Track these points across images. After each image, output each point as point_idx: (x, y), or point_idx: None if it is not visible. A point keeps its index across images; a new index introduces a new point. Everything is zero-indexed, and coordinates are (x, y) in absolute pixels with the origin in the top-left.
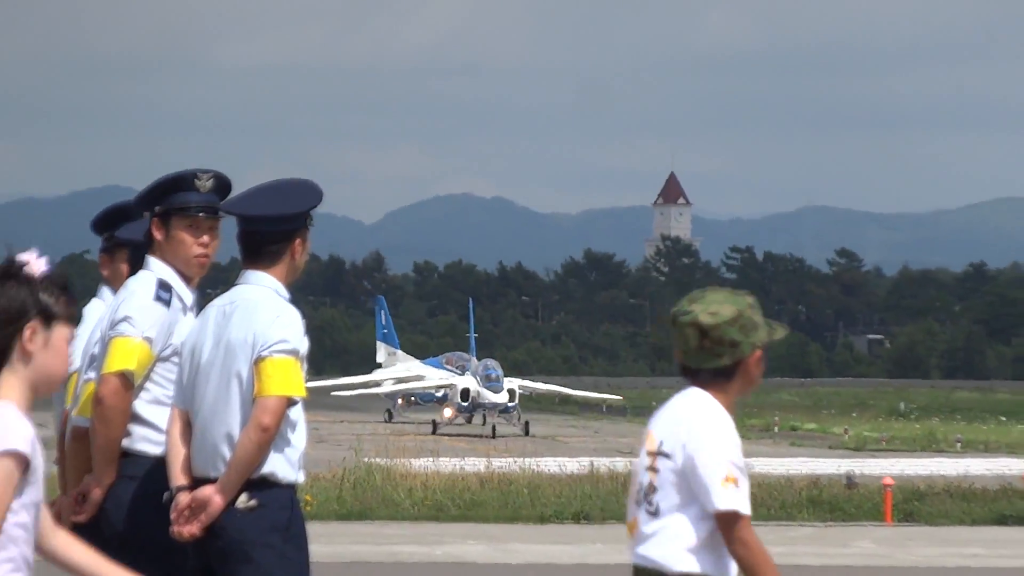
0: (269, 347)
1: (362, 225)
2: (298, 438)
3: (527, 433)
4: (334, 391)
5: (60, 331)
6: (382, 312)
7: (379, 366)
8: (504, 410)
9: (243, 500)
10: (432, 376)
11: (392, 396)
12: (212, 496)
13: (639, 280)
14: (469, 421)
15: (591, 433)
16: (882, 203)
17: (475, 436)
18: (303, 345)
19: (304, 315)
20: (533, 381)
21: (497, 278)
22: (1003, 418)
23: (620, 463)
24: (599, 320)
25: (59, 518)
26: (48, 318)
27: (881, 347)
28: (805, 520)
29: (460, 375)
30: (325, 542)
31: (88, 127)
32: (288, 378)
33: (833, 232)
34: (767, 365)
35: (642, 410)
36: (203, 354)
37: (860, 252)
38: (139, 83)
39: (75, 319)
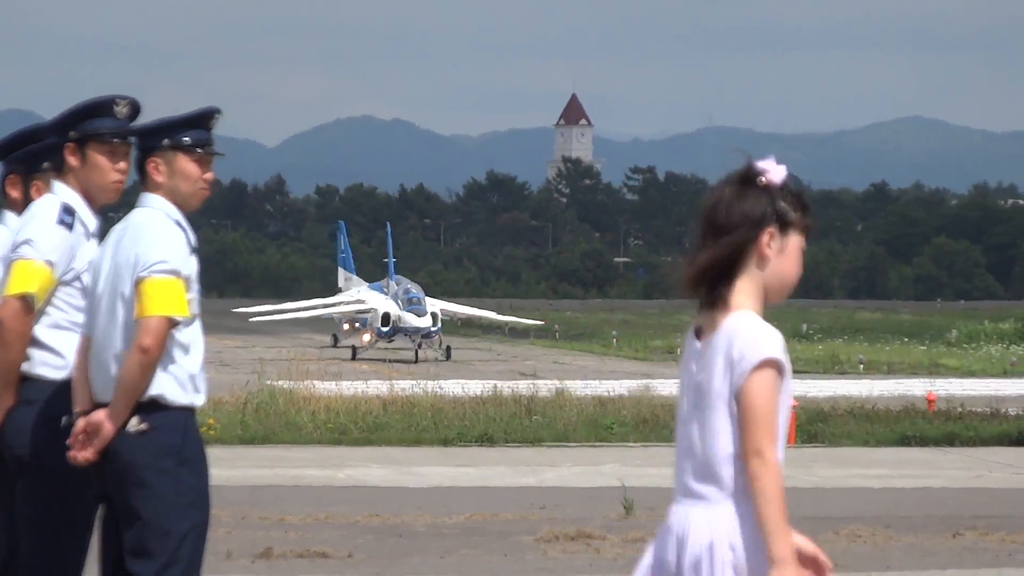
0: (148, 267)
1: (264, 148)
2: (190, 360)
3: (449, 358)
4: (277, 315)
5: (795, 239)
6: (341, 237)
7: (340, 291)
8: (427, 335)
9: (134, 423)
10: (372, 300)
11: (340, 320)
12: (103, 420)
13: (541, 202)
14: (420, 347)
15: (494, 356)
16: (784, 123)
17: (396, 361)
18: (186, 266)
19: (205, 239)
20: (457, 304)
21: (399, 200)
22: (905, 339)
23: (523, 385)
24: (501, 242)
25: None
26: (784, 225)
27: None
28: None
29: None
30: (228, 466)
31: None
32: (168, 298)
33: (735, 152)
34: (668, 287)
35: (544, 332)
36: (100, 278)
37: None
38: (39, 4)
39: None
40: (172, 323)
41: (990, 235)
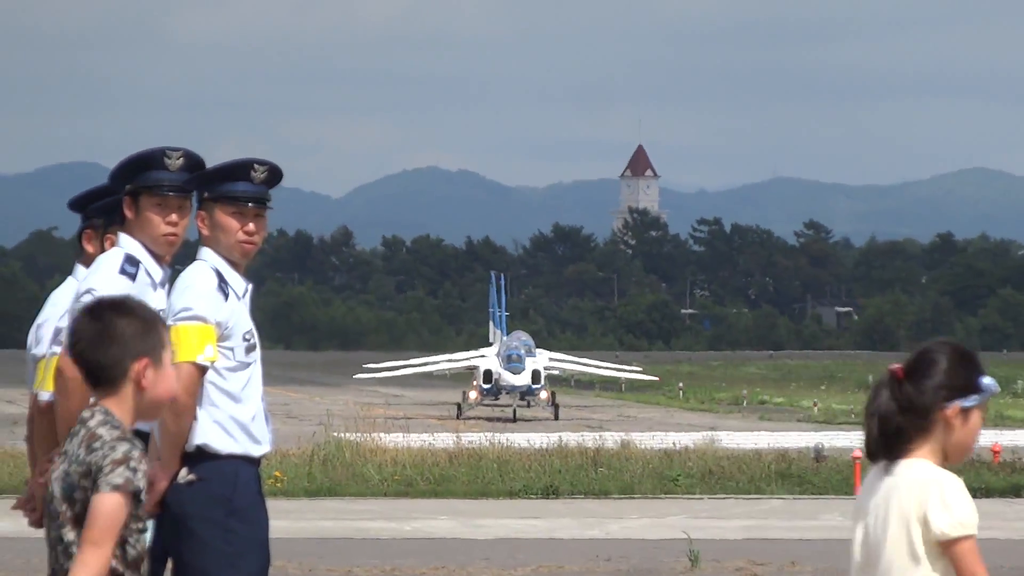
0: (174, 315)
1: (330, 200)
2: (241, 408)
3: (556, 418)
4: (399, 371)
5: None
6: (492, 289)
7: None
8: (528, 392)
9: (183, 474)
10: (486, 357)
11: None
12: (156, 472)
13: (607, 253)
14: (528, 405)
15: (551, 405)
16: (849, 174)
17: (497, 419)
18: (217, 313)
19: (271, 291)
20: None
21: (465, 252)
22: None
23: (589, 437)
24: (567, 294)
25: (32, 498)
26: None
27: (850, 319)
28: (774, 493)
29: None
30: (295, 518)
31: (54, 102)
32: (192, 344)
33: (800, 204)
34: (734, 339)
35: (611, 384)
36: None
37: (827, 223)
38: (103, 58)
39: None
40: (201, 369)
41: None
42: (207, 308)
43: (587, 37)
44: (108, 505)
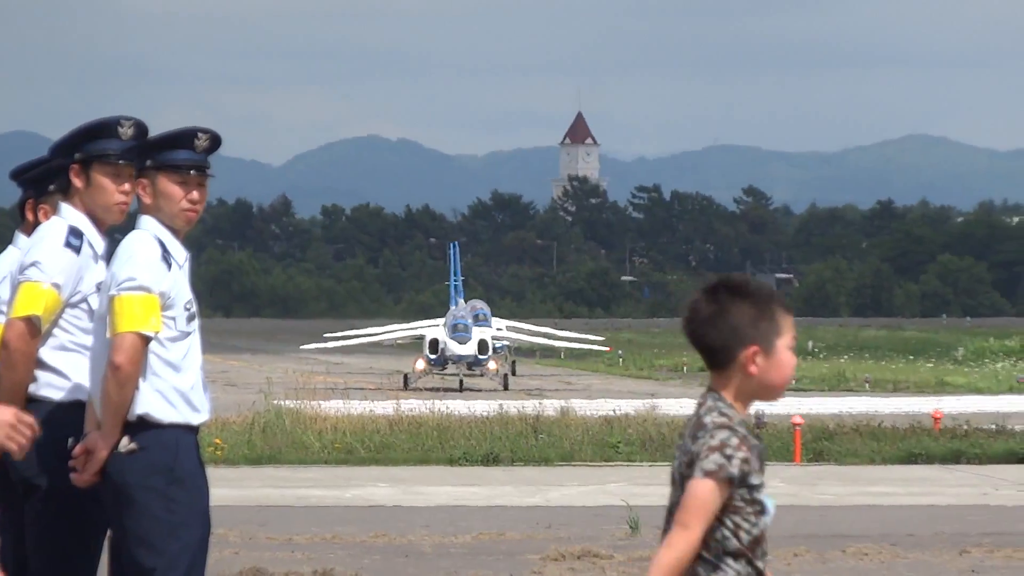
0: (118, 285)
1: (270, 168)
2: (181, 377)
3: (506, 388)
4: (355, 340)
5: None
6: (453, 259)
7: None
8: (475, 362)
9: (124, 443)
10: (433, 327)
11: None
12: (96, 442)
13: (546, 221)
14: (481, 374)
15: (500, 375)
16: (790, 141)
17: (445, 390)
18: (160, 283)
19: (211, 259)
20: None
21: (404, 220)
22: (911, 356)
23: (529, 405)
24: (506, 261)
25: None
26: None
27: (790, 285)
28: None
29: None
30: (235, 486)
31: None
32: (137, 314)
33: (740, 171)
34: (674, 306)
35: (551, 352)
36: (98, 301)
37: (767, 190)
38: (44, 26)
39: None
40: (145, 339)
41: (995, 252)
42: (152, 278)
43: (527, 6)
44: (699, 489)
